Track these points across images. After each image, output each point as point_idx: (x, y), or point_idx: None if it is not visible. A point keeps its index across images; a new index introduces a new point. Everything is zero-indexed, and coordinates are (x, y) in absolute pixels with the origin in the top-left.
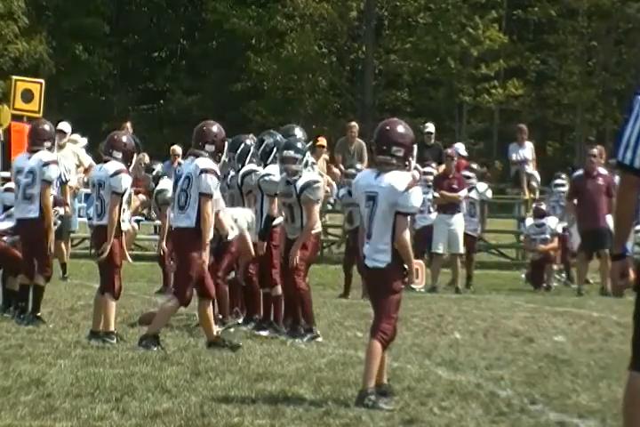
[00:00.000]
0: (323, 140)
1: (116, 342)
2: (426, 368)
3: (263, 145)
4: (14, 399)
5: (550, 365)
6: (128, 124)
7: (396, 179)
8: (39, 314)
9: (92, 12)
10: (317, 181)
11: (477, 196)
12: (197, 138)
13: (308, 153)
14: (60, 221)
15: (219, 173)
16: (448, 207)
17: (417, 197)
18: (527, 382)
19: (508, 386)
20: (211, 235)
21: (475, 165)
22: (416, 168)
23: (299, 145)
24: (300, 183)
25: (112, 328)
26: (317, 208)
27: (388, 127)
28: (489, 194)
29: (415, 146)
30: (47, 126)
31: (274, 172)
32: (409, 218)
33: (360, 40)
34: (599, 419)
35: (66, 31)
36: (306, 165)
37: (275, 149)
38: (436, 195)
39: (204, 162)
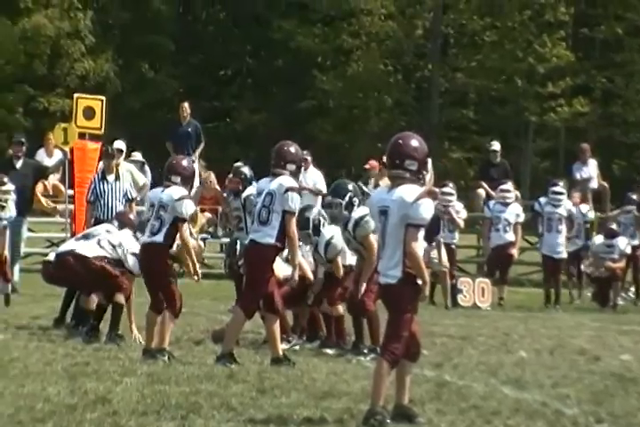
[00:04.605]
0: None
1: (167, 359)
2: (492, 387)
3: (310, 221)
4: (80, 417)
5: (616, 383)
6: (186, 105)
7: (407, 191)
8: (119, 332)
9: (158, 31)
10: (364, 216)
11: (513, 218)
12: (279, 157)
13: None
14: None
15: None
16: None
17: (427, 209)
18: (593, 400)
19: (574, 404)
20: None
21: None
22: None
23: (347, 187)
24: (350, 226)
25: (165, 345)
26: (374, 238)
27: (400, 141)
28: (521, 217)
29: (429, 160)
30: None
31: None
32: (421, 230)
33: (426, 58)
34: None
35: (132, 49)
36: (349, 207)
37: (320, 220)
38: None
39: (288, 180)
